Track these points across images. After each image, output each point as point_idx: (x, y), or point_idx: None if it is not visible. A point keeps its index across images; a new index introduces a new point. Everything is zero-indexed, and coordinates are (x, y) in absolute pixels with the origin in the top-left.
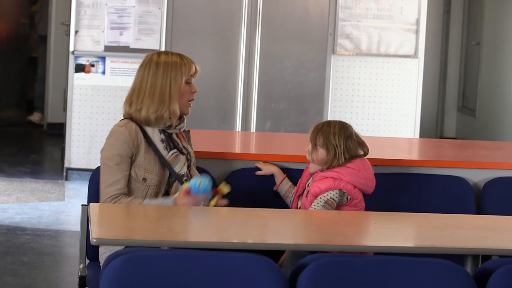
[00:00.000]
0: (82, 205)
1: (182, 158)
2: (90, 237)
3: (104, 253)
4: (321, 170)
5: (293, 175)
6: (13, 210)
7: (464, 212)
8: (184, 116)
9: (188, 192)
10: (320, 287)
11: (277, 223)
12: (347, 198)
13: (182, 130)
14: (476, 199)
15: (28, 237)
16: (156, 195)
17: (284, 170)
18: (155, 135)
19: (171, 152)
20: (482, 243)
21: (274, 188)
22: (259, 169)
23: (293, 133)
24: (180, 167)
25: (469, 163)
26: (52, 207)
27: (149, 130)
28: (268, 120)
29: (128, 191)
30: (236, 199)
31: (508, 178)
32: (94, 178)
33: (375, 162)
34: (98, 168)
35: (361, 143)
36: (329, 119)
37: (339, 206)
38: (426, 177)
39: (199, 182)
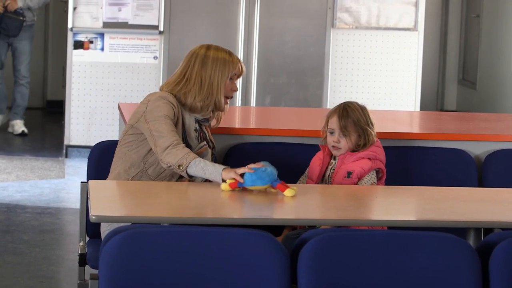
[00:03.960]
0: (81, 182)
1: (209, 151)
2: (90, 214)
3: (106, 231)
4: (352, 151)
5: (294, 149)
6: (13, 188)
7: (466, 185)
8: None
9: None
10: (322, 261)
11: (276, 198)
12: (378, 177)
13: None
14: (477, 172)
15: (28, 215)
16: (171, 176)
17: (285, 144)
18: (191, 124)
19: (201, 144)
20: (484, 216)
21: None
22: (259, 145)
23: (293, 108)
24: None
25: (471, 135)
26: (52, 185)
27: (186, 116)
28: (268, 95)
29: (147, 163)
30: None
31: (509, 150)
32: (93, 155)
33: (376, 136)
34: (97, 144)
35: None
36: (329, 93)
37: None
38: (427, 150)
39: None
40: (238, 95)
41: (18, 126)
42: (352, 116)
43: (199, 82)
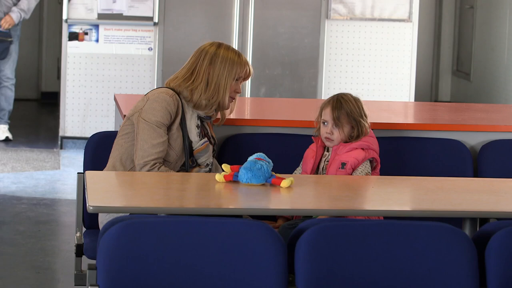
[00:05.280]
0: (78, 173)
1: (210, 148)
2: (87, 205)
3: (104, 220)
4: (344, 142)
5: (290, 140)
6: (9, 180)
7: (461, 175)
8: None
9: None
10: (319, 251)
11: (272, 188)
12: (372, 166)
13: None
14: (473, 162)
15: (24, 206)
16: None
17: (280, 135)
18: (193, 119)
19: (203, 140)
20: (480, 206)
21: None
22: (255, 135)
23: (288, 98)
24: (207, 157)
25: (466, 126)
26: (48, 176)
27: (189, 112)
28: (262, 86)
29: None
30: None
31: (504, 141)
32: (89, 146)
33: (371, 126)
34: (93, 136)
35: None
36: (323, 84)
37: None
38: (422, 140)
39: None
40: None
41: (2, 131)
42: (345, 107)
43: (206, 79)
